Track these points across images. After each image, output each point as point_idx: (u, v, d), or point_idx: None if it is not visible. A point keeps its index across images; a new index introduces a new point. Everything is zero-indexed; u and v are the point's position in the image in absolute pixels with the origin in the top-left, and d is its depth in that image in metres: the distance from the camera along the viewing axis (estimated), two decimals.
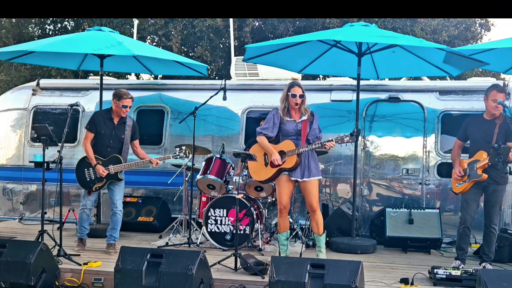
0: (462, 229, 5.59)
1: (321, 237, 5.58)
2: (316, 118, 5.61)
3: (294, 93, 5.51)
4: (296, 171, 5.50)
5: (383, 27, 14.18)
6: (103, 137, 6.10)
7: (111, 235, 6.18)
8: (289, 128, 5.53)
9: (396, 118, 7.52)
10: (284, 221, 5.69)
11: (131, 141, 6.26)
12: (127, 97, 6.07)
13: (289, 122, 5.55)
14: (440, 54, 6.22)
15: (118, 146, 6.14)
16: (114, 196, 6.15)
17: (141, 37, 15.96)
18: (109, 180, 6.09)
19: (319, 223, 5.58)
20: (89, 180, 6.11)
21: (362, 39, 6.21)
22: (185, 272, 4.50)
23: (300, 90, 5.53)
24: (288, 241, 5.75)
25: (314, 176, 5.53)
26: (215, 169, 6.52)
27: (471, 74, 13.57)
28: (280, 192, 5.59)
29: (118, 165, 6.07)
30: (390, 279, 5.09)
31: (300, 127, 5.52)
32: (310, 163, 5.52)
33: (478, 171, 5.47)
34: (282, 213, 5.63)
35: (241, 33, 15.98)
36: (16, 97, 8.75)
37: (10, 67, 17.59)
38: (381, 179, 7.54)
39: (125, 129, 6.15)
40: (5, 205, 8.59)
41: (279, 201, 5.62)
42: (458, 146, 5.82)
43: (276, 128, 5.59)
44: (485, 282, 4.10)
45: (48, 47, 6.75)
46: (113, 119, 6.15)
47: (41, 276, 4.91)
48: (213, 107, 7.68)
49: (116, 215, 6.15)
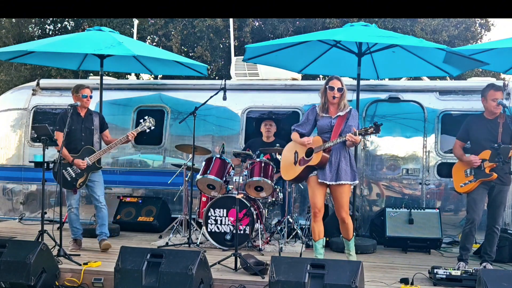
0: (469, 229, 5.49)
1: (349, 242, 5.32)
2: (354, 115, 5.20)
3: (332, 85, 5.19)
4: (323, 173, 5.12)
5: (383, 27, 14.18)
6: (75, 132, 6.17)
7: (101, 232, 6.23)
8: (323, 124, 5.21)
9: (396, 118, 7.52)
10: (319, 227, 5.22)
11: (101, 132, 6.38)
12: (83, 88, 6.22)
13: (324, 118, 5.23)
14: (440, 54, 6.21)
15: (90, 138, 6.25)
16: (95, 192, 6.23)
17: (141, 37, 15.97)
18: (90, 171, 6.16)
19: (349, 230, 5.26)
20: (70, 179, 6.14)
21: (362, 39, 6.21)
22: (185, 272, 4.50)
23: (339, 83, 5.20)
24: (323, 250, 5.29)
25: (342, 180, 5.09)
26: (215, 169, 6.52)
27: (471, 74, 13.58)
28: (313, 194, 5.18)
29: (93, 154, 6.16)
30: (390, 279, 5.09)
31: (334, 123, 5.16)
32: (341, 165, 5.10)
33: (486, 170, 5.41)
34: (316, 217, 5.17)
35: (241, 33, 15.98)
36: (16, 97, 8.75)
37: (10, 67, 17.59)
38: (381, 179, 7.54)
39: (93, 120, 6.28)
40: (5, 205, 8.59)
41: (312, 204, 5.20)
42: (459, 146, 5.75)
43: (310, 124, 5.31)
44: (485, 282, 4.10)
45: (48, 47, 6.75)
46: (80, 113, 6.24)
47: (41, 276, 4.90)
48: (213, 107, 7.68)
49: (101, 211, 6.22)
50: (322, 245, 5.29)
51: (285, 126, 7.85)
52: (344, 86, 5.23)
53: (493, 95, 5.48)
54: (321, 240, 5.27)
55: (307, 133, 5.34)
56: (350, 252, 5.37)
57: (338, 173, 5.10)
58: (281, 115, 7.96)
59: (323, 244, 5.30)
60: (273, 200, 6.70)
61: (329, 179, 5.12)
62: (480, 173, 5.47)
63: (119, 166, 8.25)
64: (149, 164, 8.25)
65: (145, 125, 6.27)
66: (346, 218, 5.20)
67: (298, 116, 7.76)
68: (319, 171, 5.16)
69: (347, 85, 7.60)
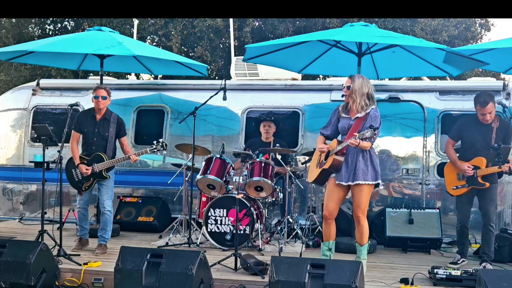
0: (460, 227, 5.79)
1: (362, 247, 5.14)
2: (373, 116, 4.94)
3: (345, 84, 5.04)
4: (340, 174, 5.01)
5: (383, 27, 14.18)
6: (87, 135, 6.10)
7: (101, 235, 6.18)
8: (342, 125, 5.09)
9: (396, 118, 7.51)
10: (329, 229, 5.16)
11: (118, 138, 6.20)
12: (98, 88, 6.05)
13: (344, 119, 5.10)
14: (440, 54, 6.21)
15: (102, 143, 6.09)
16: (101, 196, 6.14)
17: (141, 37, 15.98)
18: (96, 178, 6.09)
19: (363, 234, 5.09)
20: (77, 180, 6.12)
21: (362, 39, 6.20)
22: (185, 272, 4.50)
23: (350, 81, 5.02)
24: (329, 252, 5.22)
25: (359, 180, 4.96)
26: (215, 169, 6.52)
27: (471, 74, 13.58)
28: (327, 196, 5.13)
29: (101, 163, 6.04)
30: (390, 279, 5.09)
31: (352, 125, 5.00)
32: (359, 165, 4.96)
33: (479, 179, 5.54)
34: (326, 220, 5.14)
35: (241, 33, 15.98)
36: (16, 97, 8.75)
37: (10, 67, 17.60)
38: (381, 179, 7.52)
39: (109, 126, 6.10)
40: (5, 205, 8.59)
41: (324, 206, 5.18)
42: (451, 145, 5.86)
43: (333, 126, 5.19)
44: (485, 282, 4.10)
45: (48, 47, 6.75)
46: (95, 116, 6.12)
47: (41, 276, 4.90)
48: (213, 107, 7.68)
49: (104, 215, 6.15)
50: (328, 247, 5.23)
51: (285, 126, 7.86)
52: (355, 85, 4.97)
53: (479, 110, 5.58)
54: (327, 242, 5.21)
55: (331, 134, 5.23)
56: (360, 259, 5.09)
57: (356, 173, 4.98)
58: (281, 115, 7.96)
59: (329, 247, 5.23)
60: (273, 200, 6.70)
61: (345, 180, 5.02)
62: (473, 180, 5.60)
63: (119, 166, 8.21)
64: (149, 164, 8.25)
65: (157, 147, 6.07)
66: (362, 219, 5.06)
67: (298, 116, 7.76)
68: (336, 173, 5.08)
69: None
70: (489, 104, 5.50)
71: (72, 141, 6.10)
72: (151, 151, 6.14)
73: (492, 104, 5.52)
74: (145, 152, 6.15)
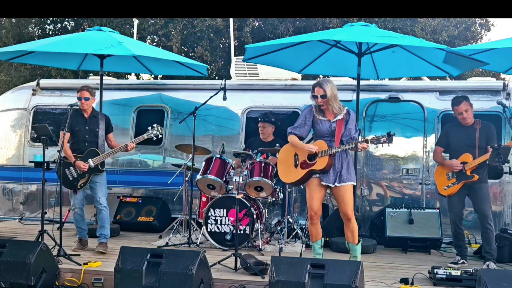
0: (454, 228, 5.84)
1: (356, 246, 5.22)
2: (352, 117, 5.19)
3: (315, 94, 5.16)
4: (327, 176, 5.11)
5: (383, 27, 14.18)
6: (79, 133, 6.14)
7: (101, 233, 6.21)
8: (323, 128, 5.17)
9: (396, 118, 7.52)
10: (316, 229, 5.26)
11: (106, 135, 6.31)
12: (81, 90, 6.14)
13: (322, 121, 5.18)
14: (440, 54, 6.21)
15: (94, 140, 6.18)
16: (96, 193, 6.19)
17: (141, 37, 15.98)
18: (92, 173, 6.12)
19: (354, 232, 5.18)
20: (72, 179, 6.12)
21: (362, 39, 6.20)
22: (185, 272, 4.50)
23: (321, 90, 5.11)
24: (322, 250, 5.32)
25: (346, 182, 5.11)
26: (215, 169, 6.52)
27: (471, 74, 13.58)
28: (311, 196, 5.18)
29: (97, 157, 6.09)
30: (390, 279, 5.09)
31: (335, 127, 5.12)
32: (343, 167, 5.12)
33: (467, 173, 5.64)
34: (312, 220, 5.20)
35: (241, 33, 15.98)
36: (16, 97, 8.75)
37: (10, 67, 17.60)
38: (381, 179, 7.54)
39: (98, 123, 6.22)
40: (5, 205, 8.59)
41: (309, 207, 5.20)
42: (440, 152, 6.01)
43: (308, 127, 5.26)
44: (485, 282, 4.10)
45: (48, 47, 6.75)
46: (84, 115, 6.20)
47: (41, 276, 4.90)
48: (213, 107, 7.68)
49: (101, 212, 6.19)
50: (320, 245, 5.31)
51: (286, 126, 7.83)
52: (328, 92, 5.10)
53: (456, 111, 5.80)
54: (319, 241, 5.30)
55: (304, 135, 5.31)
56: (356, 259, 5.16)
57: (341, 175, 5.12)
58: (281, 115, 7.95)
59: (321, 245, 5.32)
60: (273, 200, 6.70)
61: (333, 182, 5.11)
62: (462, 175, 5.70)
63: (119, 166, 8.25)
64: (149, 164, 8.25)
65: (152, 132, 6.18)
66: (351, 216, 5.14)
67: (298, 116, 7.74)
68: (321, 174, 5.15)
69: (347, 85, 7.69)
70: (462, 102, 5.72)
71: (60, 142, 6.07)
72: (147, 136, 6.20)
73: (466, 103, 5.73)
74: (142, 138, 6.20)
